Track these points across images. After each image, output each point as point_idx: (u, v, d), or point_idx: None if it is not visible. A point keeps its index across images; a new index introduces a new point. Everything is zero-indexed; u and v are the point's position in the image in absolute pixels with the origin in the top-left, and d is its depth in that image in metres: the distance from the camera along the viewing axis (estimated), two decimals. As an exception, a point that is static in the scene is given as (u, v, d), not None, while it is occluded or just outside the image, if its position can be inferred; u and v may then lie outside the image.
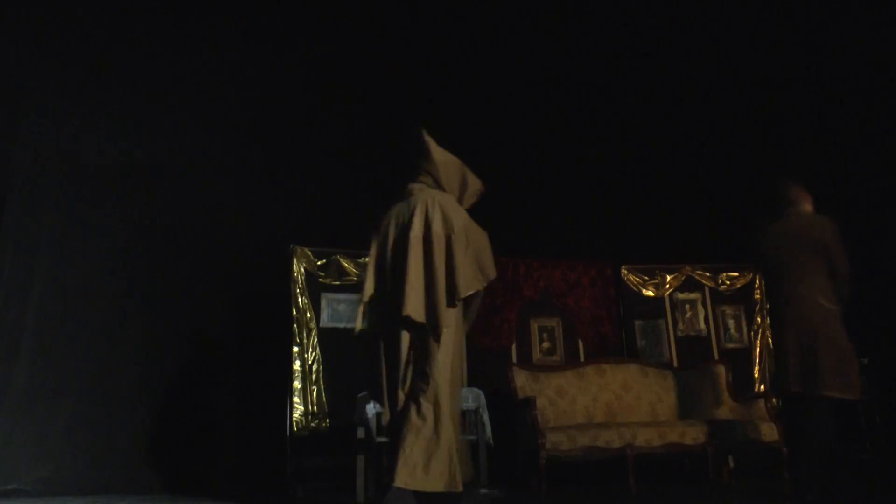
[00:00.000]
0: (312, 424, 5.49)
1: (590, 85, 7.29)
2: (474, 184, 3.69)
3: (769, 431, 5.28)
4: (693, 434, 5.20)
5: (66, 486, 5.03)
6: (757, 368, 6.46)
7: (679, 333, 6.53)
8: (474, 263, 3.33)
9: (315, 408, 5.54)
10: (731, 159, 7.29)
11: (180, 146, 6.21)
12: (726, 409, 5.78)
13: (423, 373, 3.14)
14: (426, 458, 2.99)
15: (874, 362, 5.62)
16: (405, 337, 3.23)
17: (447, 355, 3.17)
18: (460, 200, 3.56)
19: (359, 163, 6.70)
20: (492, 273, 3.35)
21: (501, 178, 6.95)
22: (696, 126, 7.30)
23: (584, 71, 7.27)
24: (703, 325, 6.57)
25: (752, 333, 6.56)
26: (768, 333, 6.55)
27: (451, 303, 3.21)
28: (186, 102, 6.27)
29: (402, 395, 3.18)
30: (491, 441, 4.63)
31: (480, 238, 3.45)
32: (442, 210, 3.36)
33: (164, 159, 6.12)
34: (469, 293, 3.29)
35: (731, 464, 5.80)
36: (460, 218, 3.39)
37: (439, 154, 3.58)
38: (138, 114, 6.13)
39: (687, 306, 6.63)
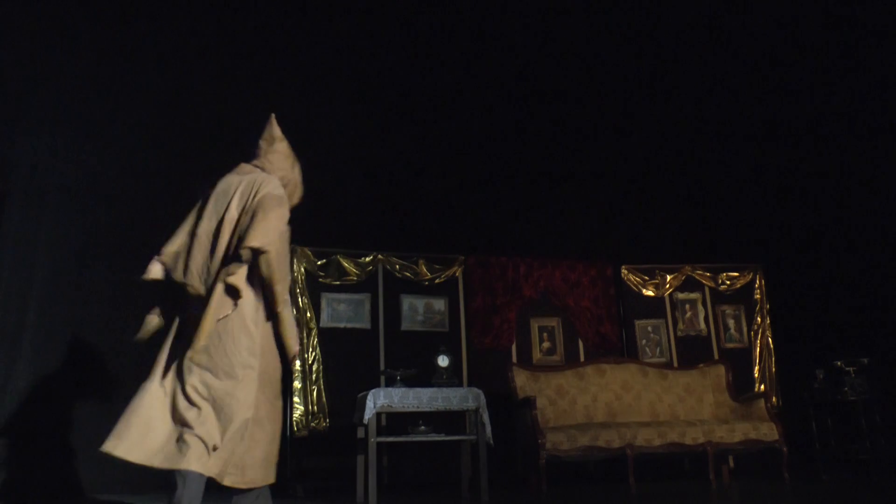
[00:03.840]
0: (312, 424, 5.49)
1: (589, 85, 7.30)
2: (299, 192, 3.45)
3: (769, 431, 5.28)
4: (693, 434, 5.20)
5: (66, 486, 5.03)
6: (757, 368, 6.46)
7: (679, 333, 6.53)
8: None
9: (315, 408, 5.54)
10: (731, 159, 7.30)
11: (180, 146, 6.21)
12: (726, 409, 5.78)
13: None
14: None
15: (874, 362, 5.62)
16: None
17: None
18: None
19: (359, 162, 6.70)
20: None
21: (502, 179, 6.99)
22: (697, 126, 7.31)
23: (585, 71, 7.27)
24: (703, 325, 6.57)
25: (752, 333, 6.56)
26: (768, 333, 6.56)
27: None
28: (186, 102, 6.27)
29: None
30: (491, 441, 4.63)
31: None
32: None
33: (165, 159, 6.12)
34: None
35: (731, 464, 5.81)
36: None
37: (285, 147, 3.40)
38: (139, 114, 6.13)
39: (687, 306, 6.63)
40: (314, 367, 5.62)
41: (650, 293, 6.61)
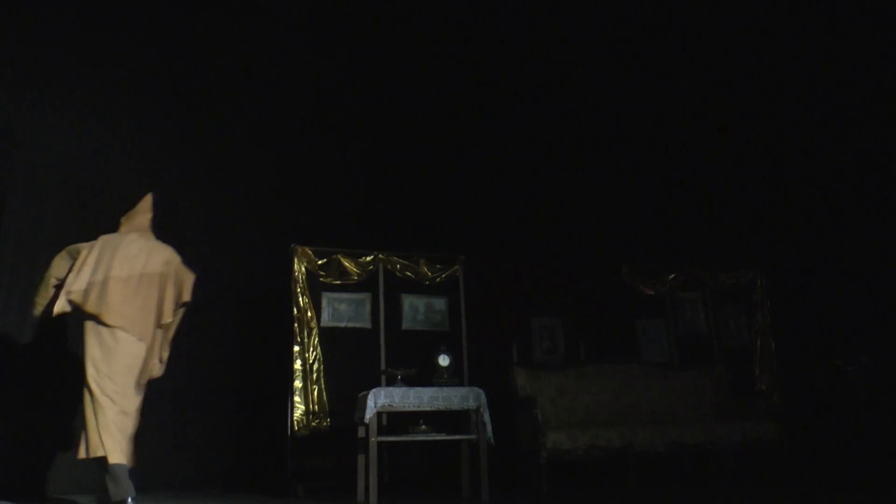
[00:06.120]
0: (313, 424, 5.49)
1: (590, 86, 7.30)
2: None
3: (769, 431, 5.29)
4: (693, 434, 5.21)
5: (66, 486, 5.04)
6: (757, 368, 6.46)
7: (679, 333, 6.53)
8: None
9: (316, 407, 5.54)
10: (732, 160, 7.30)
11: (180, 145, 6.21)
12: (726, 409, 5.78)
13: None
14: None
15: (874, 362, 5.63)
16: None
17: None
18: None
19: (359, 163, 6.71)
20: None
21: (503, 178, 7.00)
22: (697, 126, 7.30)
23: (584, 72, 7.28)
24: (703, 325, 6.56)
25: (753, 333, 6.56)
26: (769, 333, 6.55)
27: None
28: (186, 102, 6.27)
29: None
30: (492, 440, 4.64)
31: None
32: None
33: (165, 159, 6.12)
34: None
35: (731, 463, 5.81)
36: None
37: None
38: (139, 113, 6.13)
39: (687, 306, 6.63)
40: (315, 367, 5.62)
41: (650, 292, 6.61)
